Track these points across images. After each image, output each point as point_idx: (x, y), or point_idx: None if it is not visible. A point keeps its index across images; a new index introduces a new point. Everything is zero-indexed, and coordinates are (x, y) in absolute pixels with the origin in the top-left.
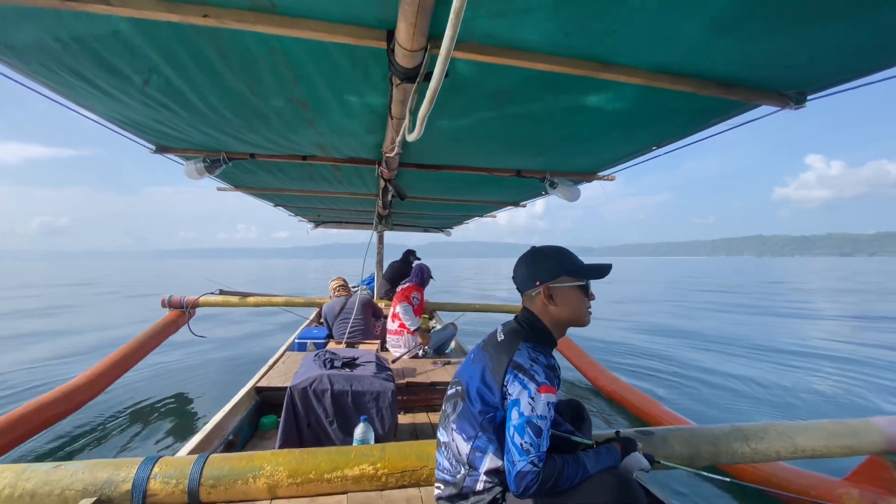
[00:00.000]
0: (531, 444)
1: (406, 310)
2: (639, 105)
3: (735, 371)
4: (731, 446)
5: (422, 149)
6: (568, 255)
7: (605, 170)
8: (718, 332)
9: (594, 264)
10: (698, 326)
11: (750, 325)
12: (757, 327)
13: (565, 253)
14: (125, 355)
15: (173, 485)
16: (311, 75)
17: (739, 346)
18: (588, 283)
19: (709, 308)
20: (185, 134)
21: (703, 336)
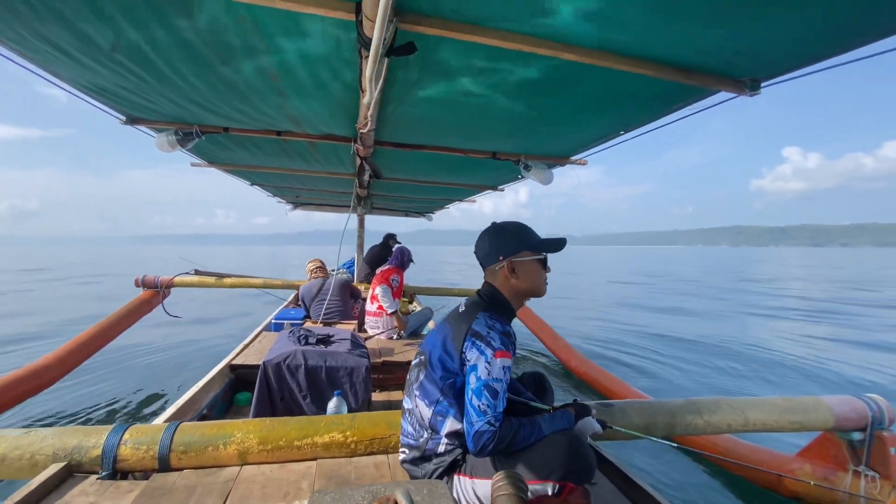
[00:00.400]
0: (488, 405)
1: (385, 292)
2: (603, 88)
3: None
4: (685, 418)
5: (397, 127)
6: (528, 230)
7: (576, 154)
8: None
9: (551, 239)
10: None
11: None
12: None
13: (525, 229)
14: (97, 334)
15: (143, 451)
16: (282, 45)
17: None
18: (546, 257)
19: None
20: (155, 104)
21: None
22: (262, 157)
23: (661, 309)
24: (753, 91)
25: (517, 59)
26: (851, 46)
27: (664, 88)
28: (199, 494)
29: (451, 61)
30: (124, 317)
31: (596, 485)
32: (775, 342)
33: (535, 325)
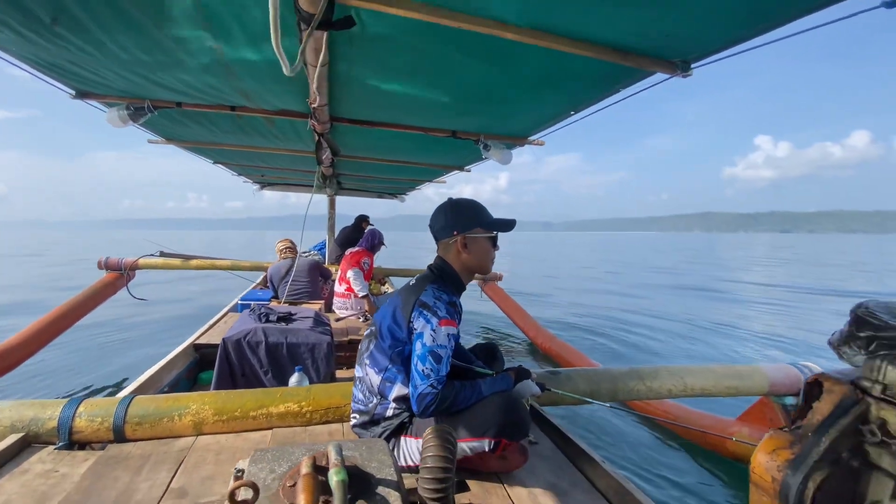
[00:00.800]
0: (431, 369)
1: (357, 275)
2: (547, 68)
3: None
4: (627, 384)
5: (353, 103)
6: (482, 209)
7: (533, 134)
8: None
9: (502, 220)
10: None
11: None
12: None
13: (480, 207)
14: (59, 316)
15: (98, 422)
16: (221, 15)
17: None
18: (496, 236)
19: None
20: (104, 78)
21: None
22: (219, 134)
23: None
24: (685, 72)
25: (459, 36)
26: (776, 24)
27: (606, 70)
28: (154, 462)
29: (394, 37)
30: (87, 299)
31: (537, 443)
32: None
33: (506, 305)
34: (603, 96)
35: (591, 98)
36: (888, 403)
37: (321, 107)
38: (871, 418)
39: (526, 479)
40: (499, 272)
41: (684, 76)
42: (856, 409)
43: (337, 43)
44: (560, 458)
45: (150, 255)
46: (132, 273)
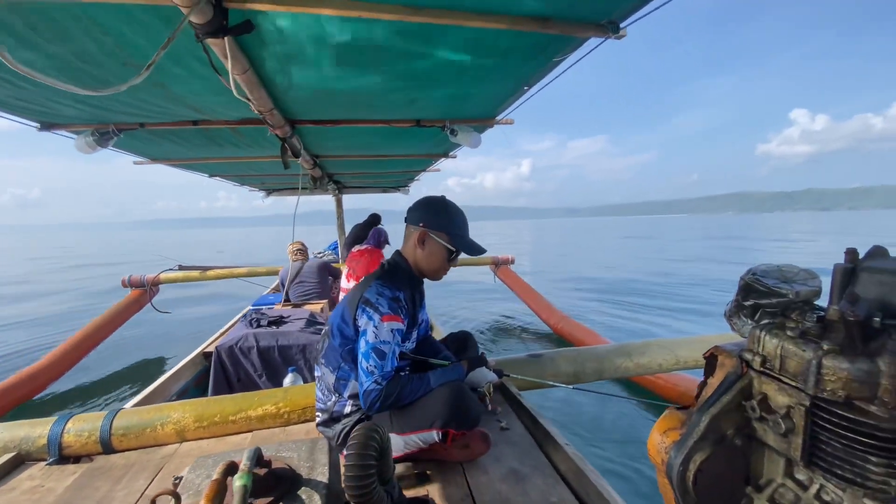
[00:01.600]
0: (375, 366)
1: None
2: (473, 47)
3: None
4: (614, 362)
5: (303, 105)
6: (459, 220)
7: (498, 114)
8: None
9: (472, 242)
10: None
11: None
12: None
13: (460, 220)
14: (87, 336)
15: (86, 437)
16: (129, 37)
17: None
18: (457, 252)
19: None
20: (63, 110)
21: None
22: (194, 149)
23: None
24: (615, 33)
25: (369, 26)
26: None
27: (535, 41)
28: (136, 470)
29: (301, 34)
30: (114, 316)
31: (509, 429)
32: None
33: (519, 288)
34: (547, 68)
35: (535, 71)
36: (768, 377)
37: (269, 111)
38: (754, 393)
39: (489, 466)
40: (510, 255)
41: (617, 38)
42: (739, 384)
43: (251, 47)
44: (528, 443)
45: (170, 270)
46: (155, 288)
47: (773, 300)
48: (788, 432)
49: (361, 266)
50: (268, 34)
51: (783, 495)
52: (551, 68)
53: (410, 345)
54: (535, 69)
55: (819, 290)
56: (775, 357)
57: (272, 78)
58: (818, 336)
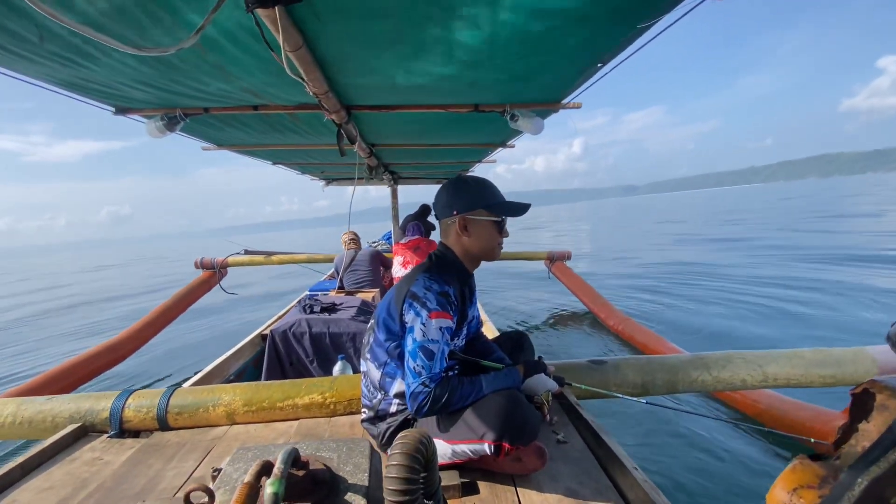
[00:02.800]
0: (423, 366)
1: None
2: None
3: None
4: (689, 374)
5: (360, 88)
6: (490, 188)
7: (565, 97)
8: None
9: (512, 202)
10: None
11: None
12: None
13: (488, 186)
14: (162, 313)
15: (144, 412)
16: (183, 12)
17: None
18: (504, 220)
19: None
20: (135, 94)
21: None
22: (255, 135)
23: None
24: None
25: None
26: None
27: (620, 4)
28: (187, 450)
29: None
30: (186, 295)
31: (567, 443)
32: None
33: (575, 285)
34: (627, 39)
35: (613, 44)
36: None
37: (324, 94)
38: None
39: (543, 484)
40: (567, 250)
41: None
42: None
43: (304, 20)
44: (589, 462)
45: (237, 254)
46: (224, 270)
47: None
48: None
49: (421, 253)
50: (322, 6)
51: None
52: (633, 38)
53: (460, 342)
54: (614, 41)
55: None
56: None
57: (327, 57)
58: None
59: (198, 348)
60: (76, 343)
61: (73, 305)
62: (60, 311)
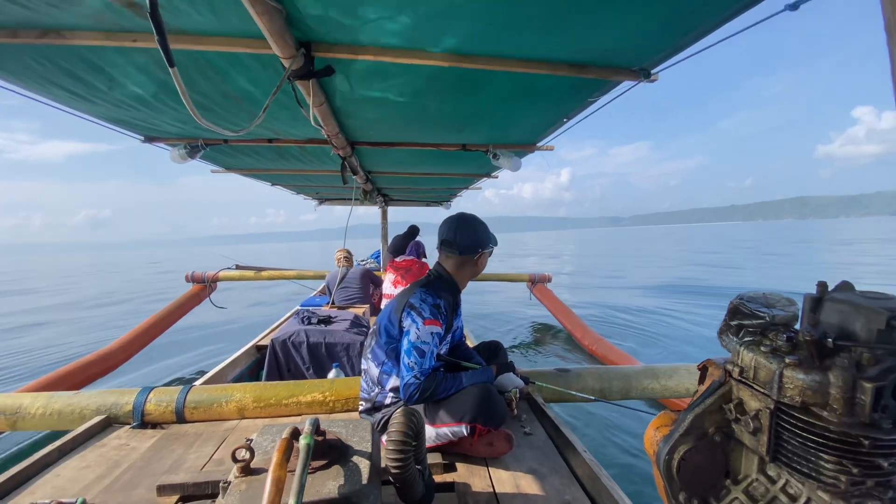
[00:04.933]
0: (415, 362)
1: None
2: (519, 86)
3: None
4: (641, 382)
5: (364, 129)
6: (487, 227)
7: (539, 140)
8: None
9: (494, 237)
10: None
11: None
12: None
13: (486, 226)
14: (153, 325)
15: (164, 406)
16: (232, 76)
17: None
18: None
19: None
20: (163, 126)
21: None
22: (265, 162)
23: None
24: (648, 79)
25: (427, 70)
26: (709, 30)
27: (574, 83)
28: (204, 439)
29: (372, 76)
30: (177, 308)
31: (532, 434)
32: None
33: (554, 307)
34: (584, 104)
35: (573, 106)
36: (744, 384)
37: (334, 135)
38: (732, 398)
39: (510, 464)
40: (547, 273)
41: (649, 82)
42: (721, 390)
43: (327, 84)
44: (549, 448)
45: (228, 269)
46: (214, 285)
47: (754, 322)
48: (757, 431)
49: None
50: (342, 76)
51: (756, 488)
52: (587, 105)
53: (445, 347)
54: (572, 106)
55: (796, 315)
56: (750, 368)
57: (342, 109)
58: (786, 353)
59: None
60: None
61: None
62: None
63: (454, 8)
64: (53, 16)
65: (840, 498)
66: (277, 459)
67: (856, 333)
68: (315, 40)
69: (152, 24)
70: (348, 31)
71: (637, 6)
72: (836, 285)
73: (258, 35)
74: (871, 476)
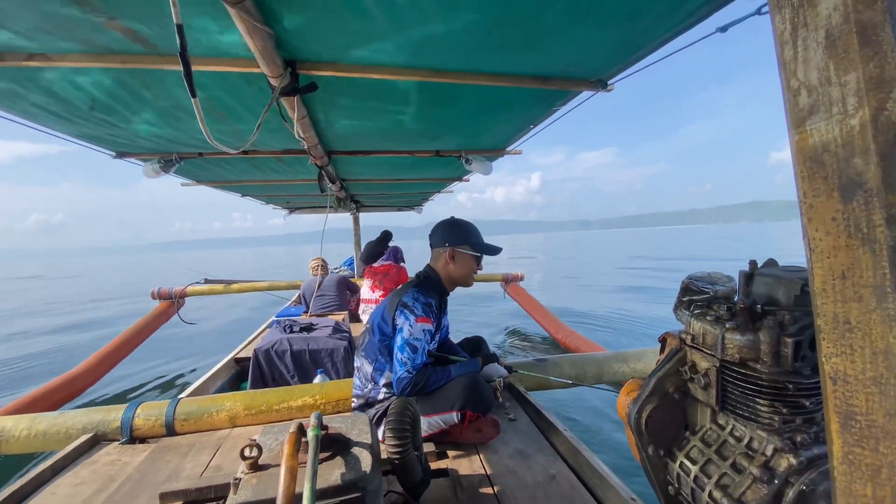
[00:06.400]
0: (408, 358)
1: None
2: (487, 97)
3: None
4: (612, 367)
5: (342, 139)
6: (475, 232)
7: (508, 146)
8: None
9: (489, 245)
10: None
11: None
12: None
13: (474, 230)
14: (120, 345)
15: (153, 420)
16: (218, 93)
17: None
18: (481, 256)
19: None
20: (136, 141)
21: None
22: (237, 173)
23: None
24: (605, 88)
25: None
26: (659, 44)
27: (538, 94)
28: (198, 448)
29: (352, 90)
30: (144, 327)
31: (516, 420)
32: None
33: (528, 304)
34: (548, 112)
35: (538, 114)
36: (695, 349)
37: (313, 146)
38: (686, 361)
39: (499, 448)
40: (520, 272)
41: (606, 91)
42: (678, 355)
43: (309, 98)
44: (533, 431)
45: (196, 283)
46: (182, 300)
47: (700, 297)
48: (707, 386)
49: (389, 279)
50: (323, 91)
51: (710, 435)
52: (551, 113)
53: (434, 345)
54: (538, 115)
55: (734, 289)
56: (699, 335)
57: (322, 121)
58: (726, 320)
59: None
60: None
61: None
62: None
63: (432, 36)
64: (42, 40)
65: (775, 434)
66: (289, 451)
67: (779, 300)
68: (300, 59)
69: (181, 63)
70: (332, 51)
71: (595, 28)
72: (764, 262)
73: (248, 55)
74: (798, 414)
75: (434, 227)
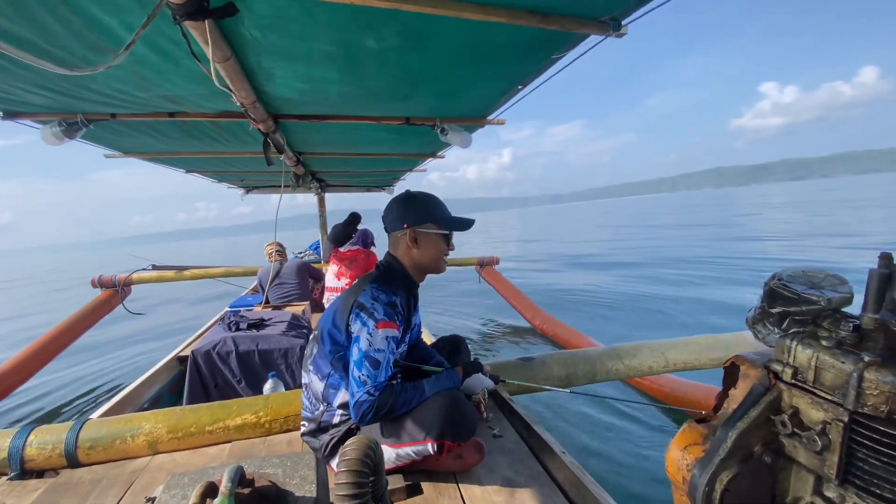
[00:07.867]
0: (368, 375)
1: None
2: (470, 40)
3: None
4: (605, 364)
5: (289, 98)
6: (437, 203)
7: (490, 113)
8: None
9: (458, 218)
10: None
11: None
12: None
13: (435, 202)
14: (52, 339)
15: (50, 449)
16: (100, 17)
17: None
18: (451, 234)
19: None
20: (27, 96)
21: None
22: (171, 143)
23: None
24: (617, 31)
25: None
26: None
27: (534, 36)
28: (104, 486)
29: (289, 21)
30: (82, 319)
31: (502, 437)
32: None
33: (504, 289)
34: (542, 66)
35: (530, 70)
36: (800, 389)
37: (251, 104)
38: (784, 407)
39: (483, 477)
40: (495, 255)
41: (618, 35)
42: (767, 397)
43: (234, 33)
44: (523, 451)
45: (143, 270)
46: (127, 289)
47: (802, 307)
48: (824, 449)
49: (357, 266)
50: (253, 20)
51: None
52: (548, 66)
53: (402, 348)
54: (531, 67)
55: (850, 296)
56: (809, 369)
57: (256, 68)
58: (855, 346)
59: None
60: None
61: None
62: None
63: None
64: None
65: None
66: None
67: None
68: None
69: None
70: None
71: None
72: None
73: None
74: None
75: (387, 206)
